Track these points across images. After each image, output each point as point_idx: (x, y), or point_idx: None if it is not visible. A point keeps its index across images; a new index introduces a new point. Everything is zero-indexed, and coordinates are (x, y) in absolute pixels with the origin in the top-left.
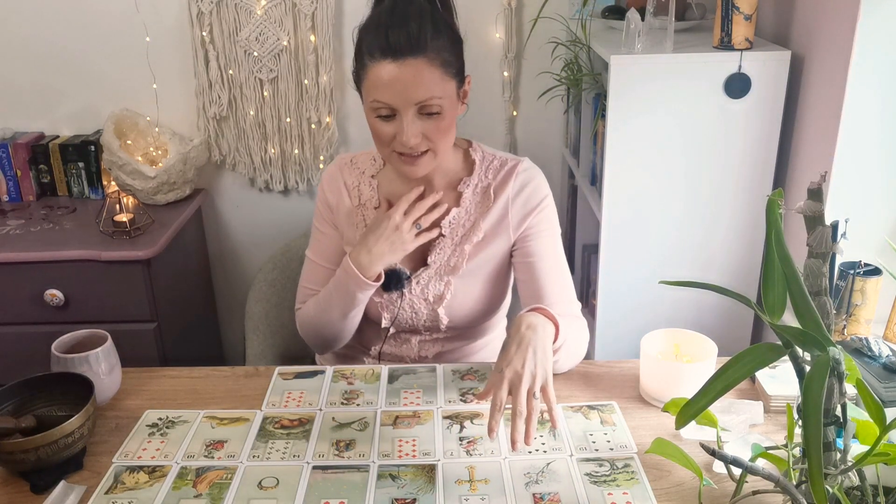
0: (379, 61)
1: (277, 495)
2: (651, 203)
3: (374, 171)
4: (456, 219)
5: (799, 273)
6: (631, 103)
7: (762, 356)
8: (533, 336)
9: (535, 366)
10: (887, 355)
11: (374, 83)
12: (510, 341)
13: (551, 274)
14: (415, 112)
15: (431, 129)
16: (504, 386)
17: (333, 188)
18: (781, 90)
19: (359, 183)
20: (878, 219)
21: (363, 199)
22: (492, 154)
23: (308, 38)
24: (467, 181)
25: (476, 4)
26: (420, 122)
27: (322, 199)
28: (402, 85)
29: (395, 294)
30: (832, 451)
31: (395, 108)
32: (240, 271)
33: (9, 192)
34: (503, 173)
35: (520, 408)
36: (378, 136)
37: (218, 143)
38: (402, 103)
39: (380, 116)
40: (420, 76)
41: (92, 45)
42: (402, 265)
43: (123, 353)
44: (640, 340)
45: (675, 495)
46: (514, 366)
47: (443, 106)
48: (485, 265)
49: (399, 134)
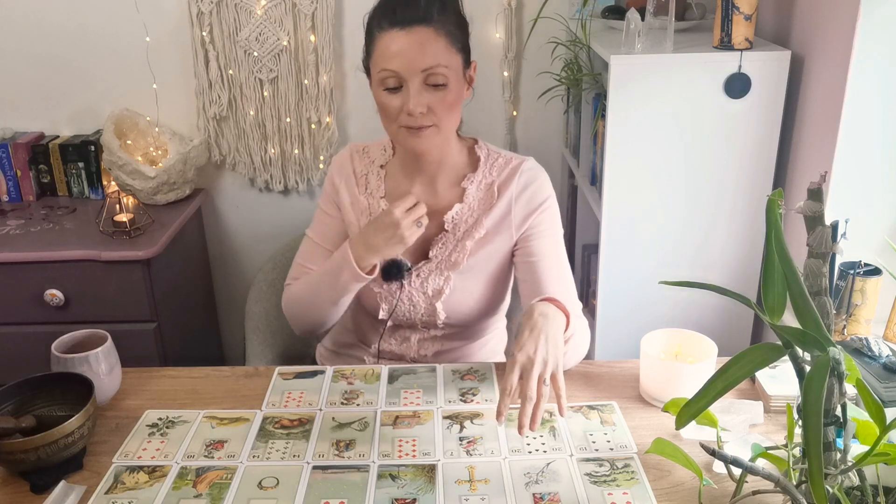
0: (387, 31)
1: (277, 495)
2: (651, 203)
3: (384, 160)
4: (459, 214)
5: (799, 273)
6: (631, 103)
7: (762, 356)
8: (545, 323)
9: (547, 352)
10: (887, 355)
11: (382, 53)
12: (523, 328)
13: (553, 274)
14: (421, 82)
15: (437, 101)
16: (516, 370)
17: (343, 173)
18: (781, 90)
19: (367, 171)
20: (878, 219)
21: (370, 188)
22: (497, 152)
23: (308, 38)
24: (471, 177)
25: (476, 4)
26: (426, 94)
27: (330, 181)
28: (409, 52)
29: (395, 285)
30: (832, 451)
31: (402, 77)
32: (240, 271)
33: (9, 192)
34: (507, 171)
35: (530, 392)
36: (385, 110)
37: (218, 143)
38: (409, 70)
39: (387, 89)
40: (426, 44)
41: (92, 44)
42: (403, 257)
43: (123, 353)
44: (640, 340)
45: (675, 495)
46: (527, 350)
47: (448, 77)
48: (486, 262)
49: (405, 104)
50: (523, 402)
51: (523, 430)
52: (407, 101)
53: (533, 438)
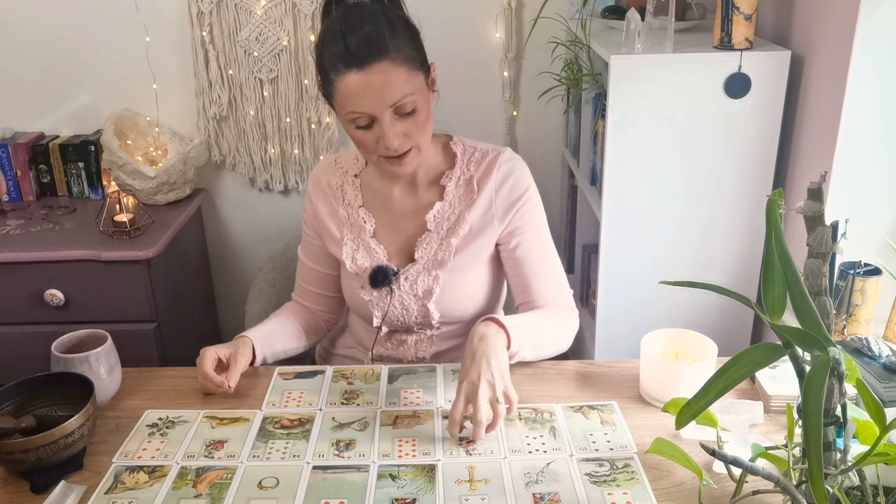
0: (344, 73)
1: (277, 495)
2: (651, 203)
3: (357, 170)
4: (440, 213)
5: (799, 273)
6: (631, 103)
7: (762, 356)
8: (485, 347)
9: (492, 375)
10: (887, 355)
11: (345, 96)
12: (465, 355)
13: (539, 266)
14: (391, 114)
15: (411, 127)
16: (461, 400)
17: (317, 188)
18: (781, 90)
19: (342, 183)
20: (878, 219)
21: (347, 199)
22: (472, 146)
23: (308, 38)
24: (449, 174)
25: (476, 4)
26: (399, 123)
27: (307, 199)
28: (374, 91)
29: (384, 291)
30: (832, 451)
31: (372, 115)
32: (240, 271)
33: (9, 192)
34: (485, 164)
35: (479, 416)
36: (361, 145)
37: (218, 143)
38: (378, 108)
39: (359, 127)
40: (388, 79)
41: (92, 45)
42: (389, 262)
43: (123, 353)
44: (640, 340)
45: (675, 495)
46: (471, 378)
47: (417, 101)
48: (473, 258)
49: (381, 139)
50: (475, 426)
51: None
52: (382, 136)
53: (533, 438)
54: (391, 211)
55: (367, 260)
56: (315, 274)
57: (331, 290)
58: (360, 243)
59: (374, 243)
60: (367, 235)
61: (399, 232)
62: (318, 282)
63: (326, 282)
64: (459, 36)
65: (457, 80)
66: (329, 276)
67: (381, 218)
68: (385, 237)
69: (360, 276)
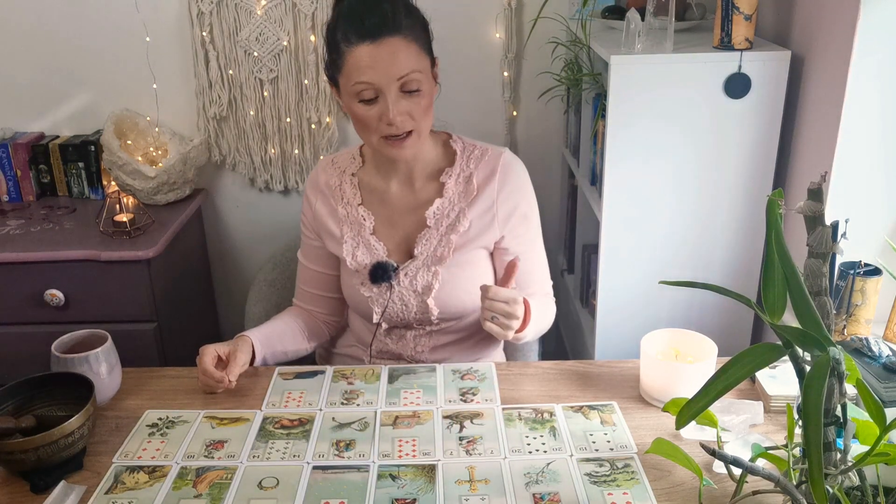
0: (357, 45)
1: (277, 495)
2: (651, 203)
3: (355, 168)
4: (440, 209)
5: (799, 273)
6: (631, 103)
7: (762, 356)
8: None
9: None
10: (887, 355)
11: (354, 67)
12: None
13: (531, 263)
14: (397, 90)
15: (414, 106)
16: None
17: (315, 189)
18: (781, 90)
19: (340, 182)
20: (878, 219)
21: (346, 198)
22: (472, 144)
23: (308, 38)
24: (449, 171)
25: (476, 4)
26: (404, 101)
27: (305, 201)
28: (383, 63)
29: (384, 287)
30: (832, 451)
31: (379, 88)
32: (240, 271)
33: (9, 192)
34: (485, 164)
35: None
36: (363, 122)
37: (218, 143)
38: (385, 81)
39: (363, 101)
40: (399, 52)
41: (92, 44)
42: (389, 258)
43: (123, 353)
44: (640, 340)
45: (675, 495)
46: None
47: (422, 82)
48: (472, 255)
49: (384, 114)
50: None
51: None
52: (386, 111)
53: (533, 439)
54: (389, 207)
55: (367, 256)
56: (315, 275)
57: (331, 291)
58: (361, 240)
59: (374, 240)
60: (367, 232)
61: (398, 227)
62: (318, 283)
63: (327, 283)
64: (459, 36)
65: (457, 80)
66: (329, 277)
67: (380, 214)
68: (384, 233)
69: (360, 272)
